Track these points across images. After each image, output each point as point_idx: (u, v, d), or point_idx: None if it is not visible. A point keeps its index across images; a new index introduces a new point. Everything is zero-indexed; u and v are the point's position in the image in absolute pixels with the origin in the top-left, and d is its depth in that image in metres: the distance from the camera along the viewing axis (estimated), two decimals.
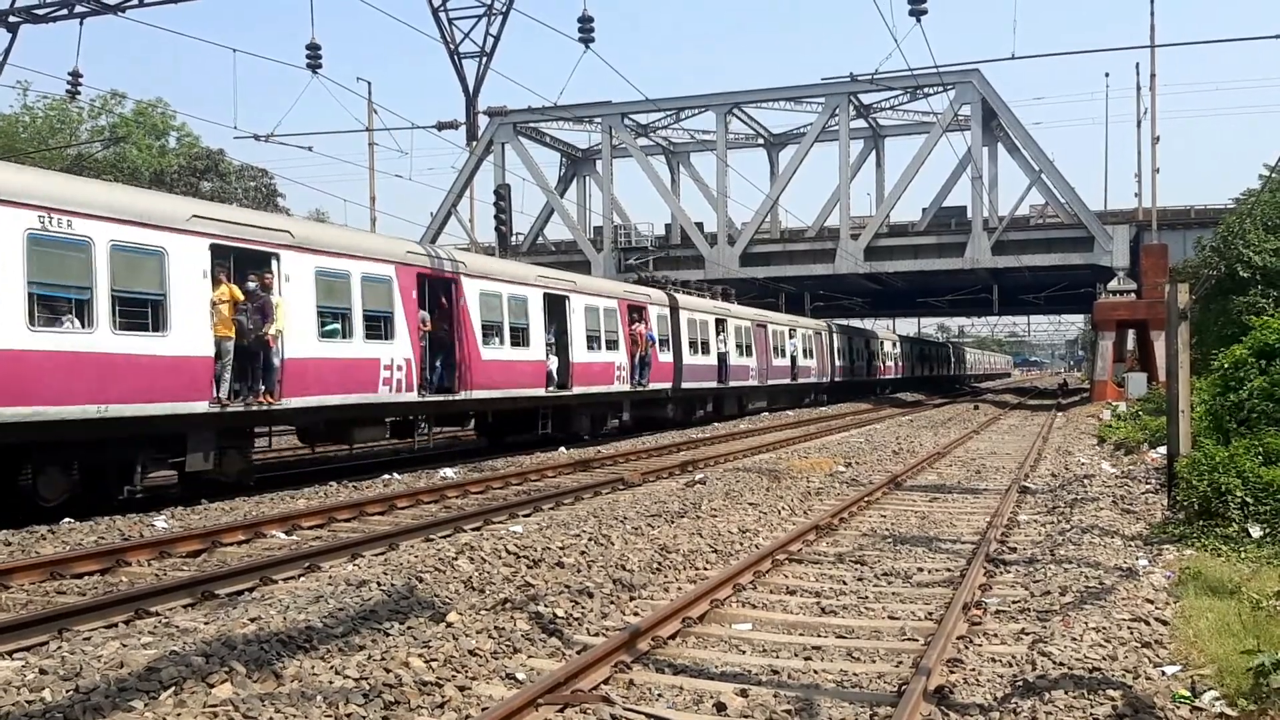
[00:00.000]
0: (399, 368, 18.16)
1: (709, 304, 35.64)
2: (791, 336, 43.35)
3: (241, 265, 15.50)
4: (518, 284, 22.64)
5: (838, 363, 51.39)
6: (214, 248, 14.71)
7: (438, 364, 19.79)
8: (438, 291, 20.17)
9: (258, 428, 16.74)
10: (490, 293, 21.31)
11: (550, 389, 23.49)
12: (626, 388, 27.65)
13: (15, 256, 11.99)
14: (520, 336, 22.37)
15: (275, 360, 15.59)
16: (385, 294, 18.06)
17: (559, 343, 24.29)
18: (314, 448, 20.90)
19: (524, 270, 24.06)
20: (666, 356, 30.44)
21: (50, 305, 12.55)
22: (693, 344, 32.56)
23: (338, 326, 17.00)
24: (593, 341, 25.85)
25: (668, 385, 30.42)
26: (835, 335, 51.10)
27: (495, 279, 21.68)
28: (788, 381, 43.02)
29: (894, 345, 66.06)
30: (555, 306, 24.30)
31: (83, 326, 12.76)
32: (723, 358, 34.80)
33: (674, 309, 31.49)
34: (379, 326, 17.86)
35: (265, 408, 15.61)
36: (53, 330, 12.44)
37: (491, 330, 21.24)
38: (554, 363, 23.72)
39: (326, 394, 16.67)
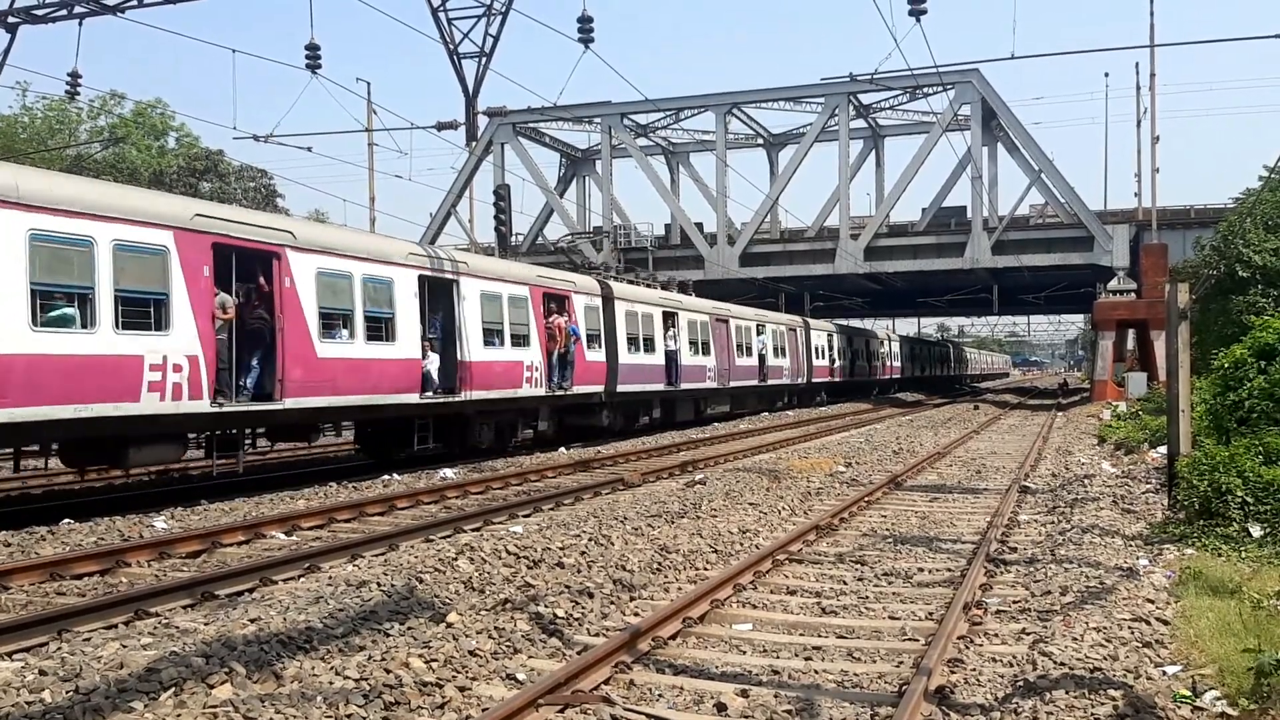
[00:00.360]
0: (177, 368, 13.91)
1: (654, 294, 31.14)
2: (760, 333, 39.22)
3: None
4: (377, 262, 18.00)
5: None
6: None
7: (254, 362, 15.81)
8: (256, 269, 16.02)
9: None
10: (334, 272, 16.92)
11: (429, 394, 19.24)
12: (542, 391, 23.16)
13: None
14: (381, 329, 18.03)
15: None
16: (158, 271, 13.87)
17: (446, 338, 20.18)
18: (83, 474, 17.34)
19: (389, 246, 19.05)
20: (597, 355, 25.90)
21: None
22: (633, 340, 28.11)
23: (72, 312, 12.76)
24: (493, 336, 21.36)
25: (599, 388, 25.89)
26: (820, 334, 47.90)
27: (342, 255, 17.21)
28: (754, 383, 38.80)
29: (889, 344, 65.52)
30: (439, 293, 20.12)
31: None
32: (672, 356, 30.47)
33: (608, 299, 26.98)
34: (146, 312, 13.74)
35: None
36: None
37: (335, 321, 17.00)
38: (434, 361, 19.51)
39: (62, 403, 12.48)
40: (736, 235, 51.20)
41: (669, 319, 30.86)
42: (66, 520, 12.62)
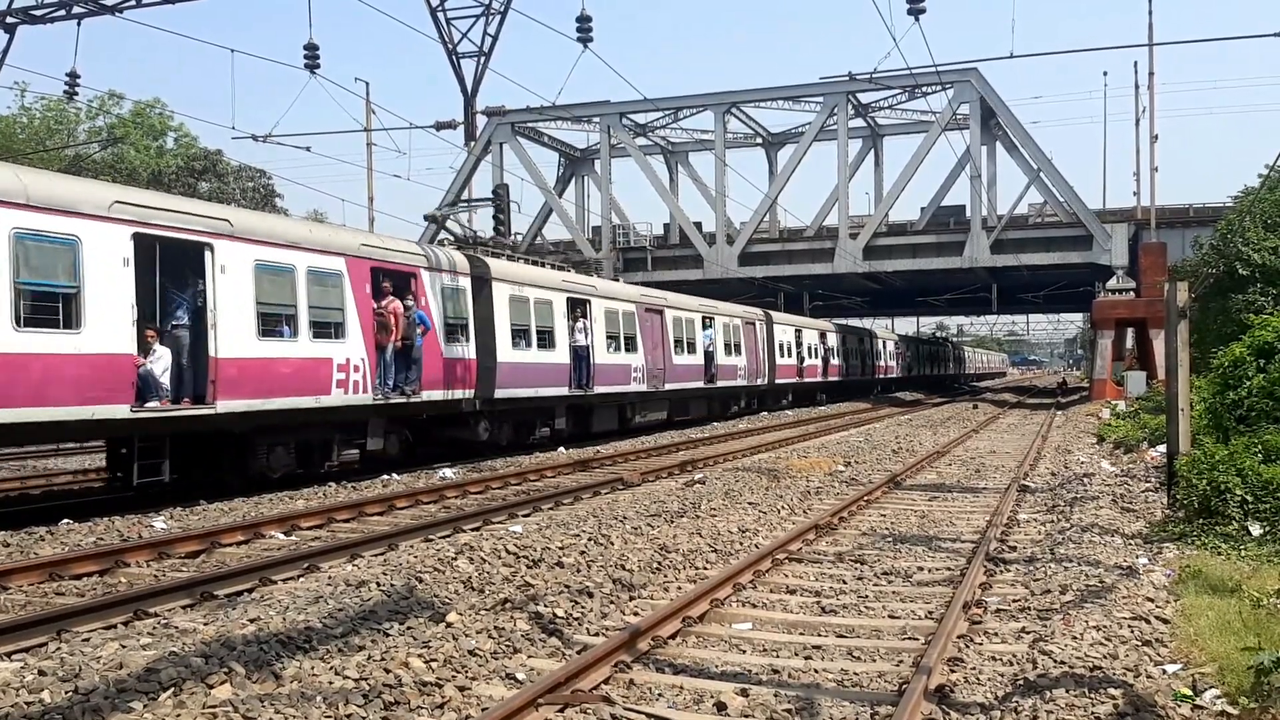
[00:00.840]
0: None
1: (553, 276, 25.66)
2: (706, 326, 34.23)
3: None
4: (55, 213, 12.76)
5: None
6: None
7: None
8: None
9: None
10: None
11: (153, 404, 13.99)
12: (364, 398, 17.58)
13: None
14: (67, 312, 12.85)
15: None
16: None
17: (195, 328, 15.03)
18: None
19: (86, 192, 13.70)
20: (462, 350, 20.42)
21: None
22: (520, 334, 22.78)
23: None
24: (274, 325, 15.96)
25: (465, 394, 20.44)
26: (786, 329, 43.77)
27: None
28: (699, 385, 33.43)
29: (877, 342, 65.11)
30: (175, 265, 15.17)
31: None
32: (582, 353, 25.33)
33: (481, 279, 21.49)
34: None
35: None
36: None
37: None
38: (160, 359, 14.28)
39: None
40: (735, 235, 51.19)
41: (576, 307, 25.50)
42: (65, 520, 12.62)
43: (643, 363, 28.60)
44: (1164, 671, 6.52)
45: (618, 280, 39.81)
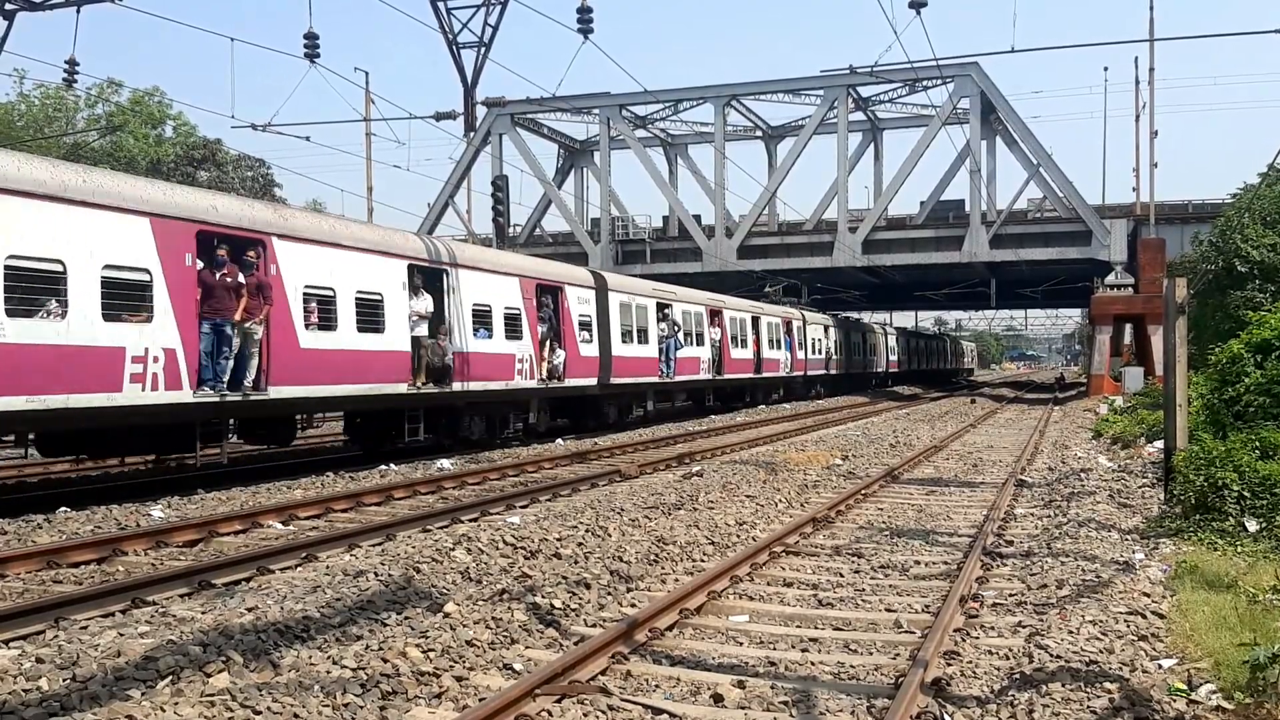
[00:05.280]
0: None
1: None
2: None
3: None
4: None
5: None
6: None
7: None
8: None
9: None
10: None
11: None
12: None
13: None
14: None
15: None
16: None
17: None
18: None
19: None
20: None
21: None
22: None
23: None
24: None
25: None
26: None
27: None
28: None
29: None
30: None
31: None
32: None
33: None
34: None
35: None
36: None
37: None
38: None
39: None
40: (734, 227, 51.16)
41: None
42: (63, 509, 12.61)
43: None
44: (1159, 666, 6.54)
45: (619, 273, 39.94)
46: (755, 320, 39.29)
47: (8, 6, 21.62)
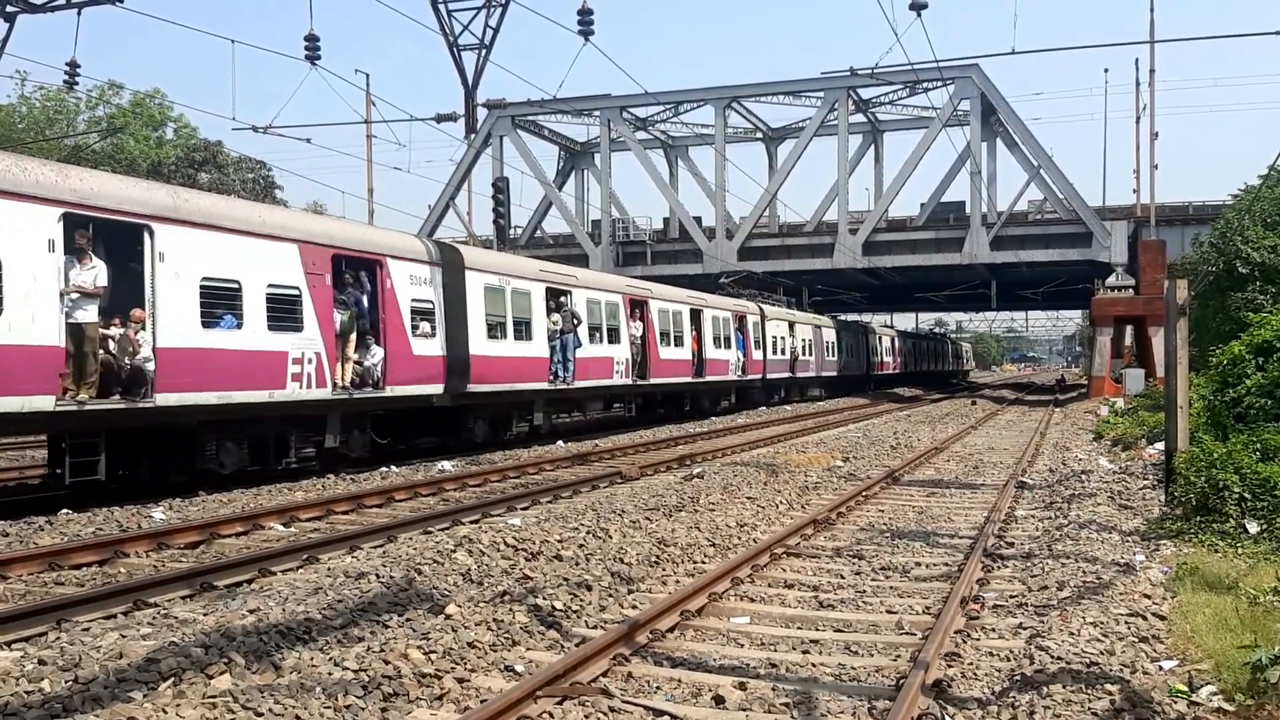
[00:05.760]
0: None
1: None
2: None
3: None
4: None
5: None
6: None
7: None
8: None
9: None
10: None
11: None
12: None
13: None
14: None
15: None
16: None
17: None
18: None
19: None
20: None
21: None
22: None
23: None
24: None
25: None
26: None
27: None
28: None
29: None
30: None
31: None
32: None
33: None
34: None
35: None
36: None
37: None
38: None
39: None
40: (735, 229, 51.16)
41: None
42: (65, 510, 12.62)
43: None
44: (1160, 668, 6.54)
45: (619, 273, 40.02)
46: (696, 314, 33.46)
47: (9, 9, 21.64)
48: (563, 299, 24.59)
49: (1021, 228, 49.78)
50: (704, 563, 10.29)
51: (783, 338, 42.12)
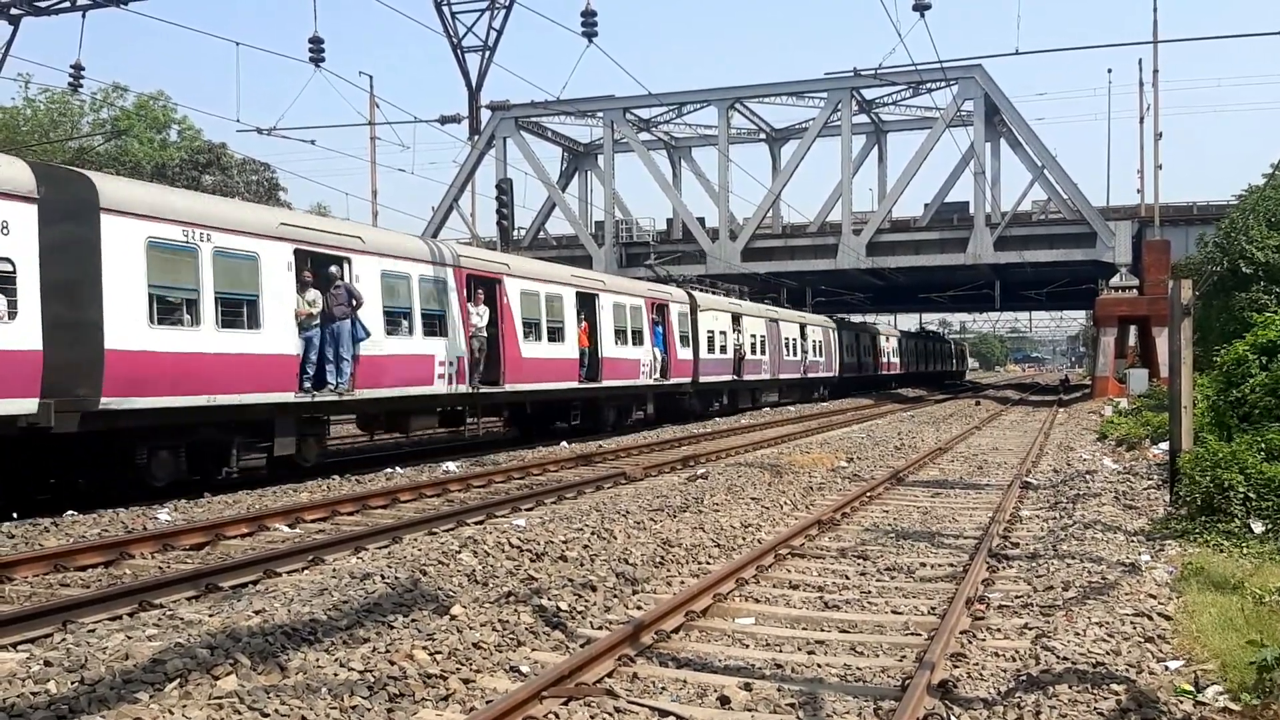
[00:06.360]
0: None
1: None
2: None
3: None
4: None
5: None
6: None
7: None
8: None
9: None
10: None
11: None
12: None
13: None
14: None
15: None
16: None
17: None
18: None
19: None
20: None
21: None
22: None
23: None
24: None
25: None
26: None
27: None
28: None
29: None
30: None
31: None
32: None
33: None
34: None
35: None
36: None
37: None
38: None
39: None
40: (739, 230, 51.18)
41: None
42: (70, 512, 12.64)
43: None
44: (1166, 668, 6.54)
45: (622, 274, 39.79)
46: (587, 299, 25.86)
47: (13, 11, 21.70)
48: (333, 268, 16.88)
49: (1025, 228, 49.76)
50: (709, 563, 10.29)
51: (723, 333, 35.06)
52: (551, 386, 23.74)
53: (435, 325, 19.43)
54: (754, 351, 37.96)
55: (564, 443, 23.38)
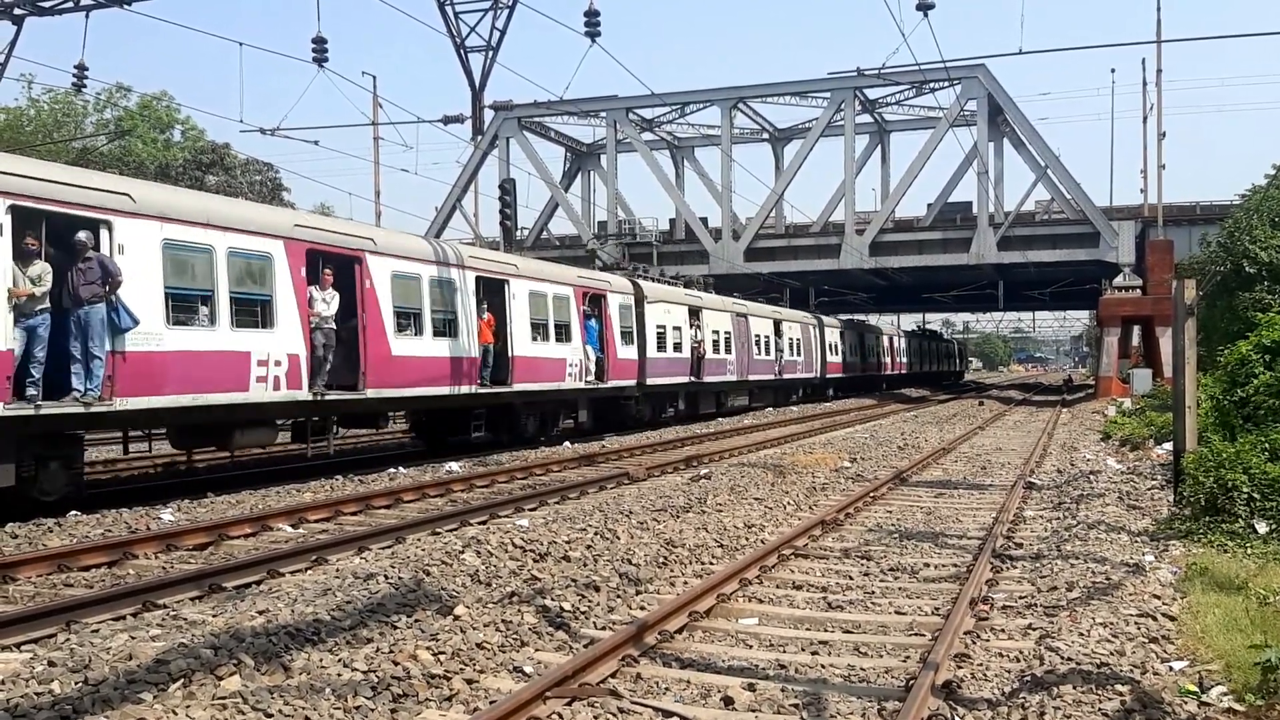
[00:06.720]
0: None
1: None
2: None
3: None
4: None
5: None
6: None
7: None
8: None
9: None
10: None
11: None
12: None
13: None
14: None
15: None
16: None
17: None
18: None
19: None
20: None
21: None
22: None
23: None
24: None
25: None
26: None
27: None
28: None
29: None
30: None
31: None
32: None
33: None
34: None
35: None
36: None
37: None
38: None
39: None
40: (741, 230, 51.19)
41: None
42: (73, 512, 12.64)
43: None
44: (1170, 668, 6.53)
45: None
46: (492, 285, 21.55)
47: (16, 11, 21.72)
48: (81, 234, 12.90)
49: (1028, 228, 49.77)
50: (712, 564, 10.28)
51: (676, 328, 31.00)
52: (438, 391, 19.37)
53: (255, 314, 15.29)
54: (717, 350, 34.22)
55: (567, 443, 23.38)
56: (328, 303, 16.48)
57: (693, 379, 32.02)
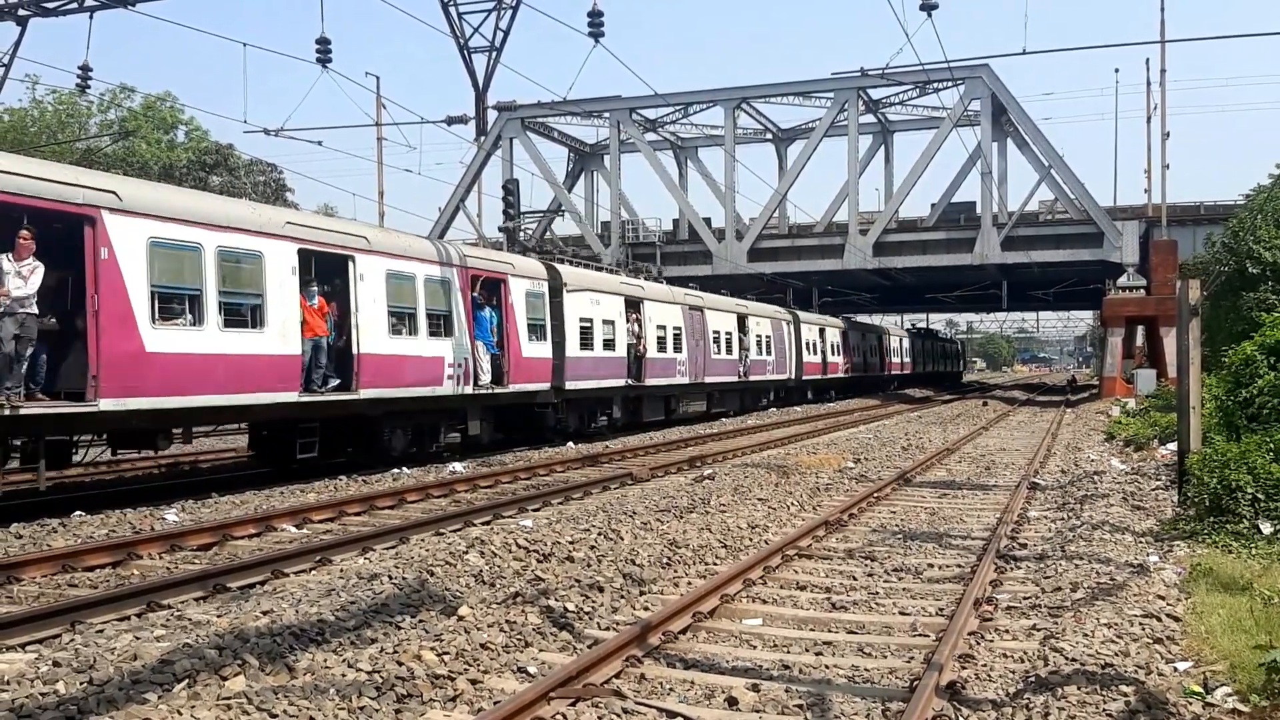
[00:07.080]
0: None
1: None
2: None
3: None
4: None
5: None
6: None
7: None
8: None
9: None
10: None
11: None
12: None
13: None
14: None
15: None
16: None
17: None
18: None
19: None
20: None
21: None
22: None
23: None
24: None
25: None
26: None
27: None
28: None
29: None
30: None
31: None
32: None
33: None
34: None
35: None
36: None
37: None
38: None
39: None
40: (745, 230, 51.16)
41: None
42: (78, 512, 12.67)
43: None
44: (1175, 669, 6.52)
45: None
46: (331, 263, 17.07)
47: (20, 12, 21.76)
48: None
49: (1032, 228, 49.70)
50: (716, 564, 10.28)
51: (609, 322, 26.51)
52: (229, 401, 14.79)
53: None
54: (664, 348, 29.88)
55: (570, 443, 23.38)
56: (21, 285, 12.31)
57: (631, 381, 27.55)
